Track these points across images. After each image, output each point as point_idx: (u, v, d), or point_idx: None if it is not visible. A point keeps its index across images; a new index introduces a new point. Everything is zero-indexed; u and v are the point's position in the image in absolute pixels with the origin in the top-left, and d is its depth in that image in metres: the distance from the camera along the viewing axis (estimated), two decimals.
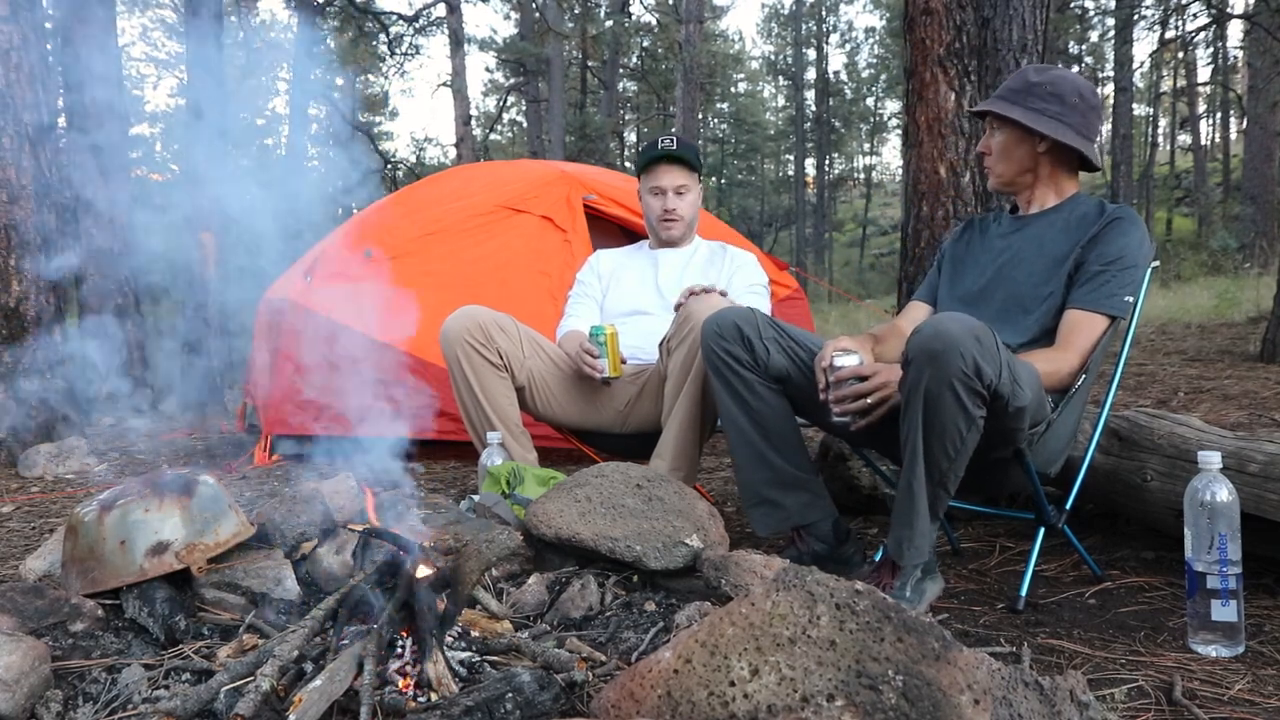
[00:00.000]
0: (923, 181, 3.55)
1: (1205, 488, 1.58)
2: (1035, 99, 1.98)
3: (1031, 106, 1.98)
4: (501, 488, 2.31)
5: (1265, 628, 1.67)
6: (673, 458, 2.43)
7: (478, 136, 20.46)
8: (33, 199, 4.10)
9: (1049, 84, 1.98)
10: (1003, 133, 2.05)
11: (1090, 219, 1.99)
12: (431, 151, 31.95)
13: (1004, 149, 2.06)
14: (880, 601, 1.09)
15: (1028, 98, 1.99)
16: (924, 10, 3.51)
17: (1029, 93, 1.99)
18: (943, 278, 2.22)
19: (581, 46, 19.73)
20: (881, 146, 40.89)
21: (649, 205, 2.90)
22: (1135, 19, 19.41)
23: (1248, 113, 16.59)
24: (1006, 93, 2.03)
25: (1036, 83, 1.99)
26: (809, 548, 2.02)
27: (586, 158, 20.27)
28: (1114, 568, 2.06)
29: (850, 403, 1.79)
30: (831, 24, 36.09)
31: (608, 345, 2.62)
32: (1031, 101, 1.99)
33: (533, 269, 4.05)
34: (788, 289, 5.09)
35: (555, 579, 1.77)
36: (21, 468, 3.85)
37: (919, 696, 0.99)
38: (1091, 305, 1.89)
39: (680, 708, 1.05)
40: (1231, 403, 3.75)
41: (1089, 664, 1.54)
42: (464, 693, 1.26)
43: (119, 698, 1.33)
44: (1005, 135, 2.05)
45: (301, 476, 3.54)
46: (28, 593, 1.55)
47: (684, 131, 17.85)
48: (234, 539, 1.72)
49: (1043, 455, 1.87)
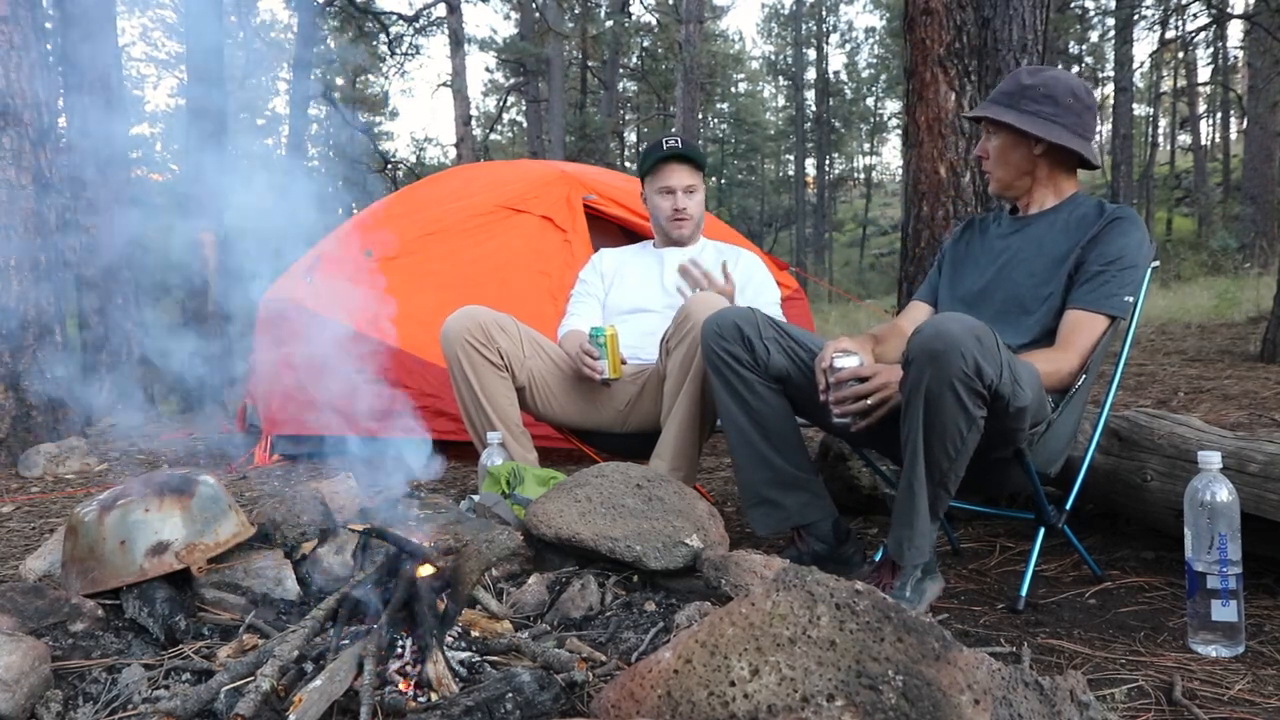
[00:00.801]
0: (923, 181, 3.55)
1: (1205, 488, 1.58)
2: (1029, 101, 1.98)
3: (1025, 109, 1.98)
4: (501, 488, 2.31)
5: (1265, 628, 1.67)
6: (672, 457, 2.43)
7: (478, 136, 20.46)
8: (33, 199, 4.10)
9: (1042, 85, 1.98)
10: (999, 137, 2.05)
11: (1090, 219, 1.99)
12: (431, 151, 31.97)
13: (1001, 153, 2.06)
14: (880, 601, 1.09)
15: (1021, 100, 1.99)
16: (924, 10, 3.51)
17: (1022, 95, 1.99)
18: (943, 278, 2.22)
19: (581, 46, 19.74)
20: (881, 146, 40.92)
21: (657, 206, 2.90)
22: (1135, 19, 19.40)
23: (1248, 113, 16.59)
24: (1000, 96, 2.03)
25: (1030, 85, 1.99)
26: (809, 548, 2.02)
27: (586, 158, 20.27)
28: (1114, 568, 2.06)
29: (851, 404, 1.79)
30: (831, 24, 36.11)
31: (607, 346, 2.62)
32: (1025, 104, 1.98)
33: (533, 269, 4.05)
34: (788, 289, 5.09)
35: (555, 579, 1.77)
36: (21, 468, 3.85)
37: (919, 696, 0.99)
38: (1092, 305, 1.89)
39: (680, 708, 1.05)
40: (1231, 403, 3.75)
41: (1089, 664, 1.54)
42: (464, 693, 1.26)
43: (119, 698, 1.33)
44: (1001, 139, 2.05)
45: (301, 476, 3.54)
46: (28, 593, 1.55)
47: (684, 131, 17.84)
48: (234, 539, 1.72)
49: (1043, 455, 1.87)
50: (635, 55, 25.01)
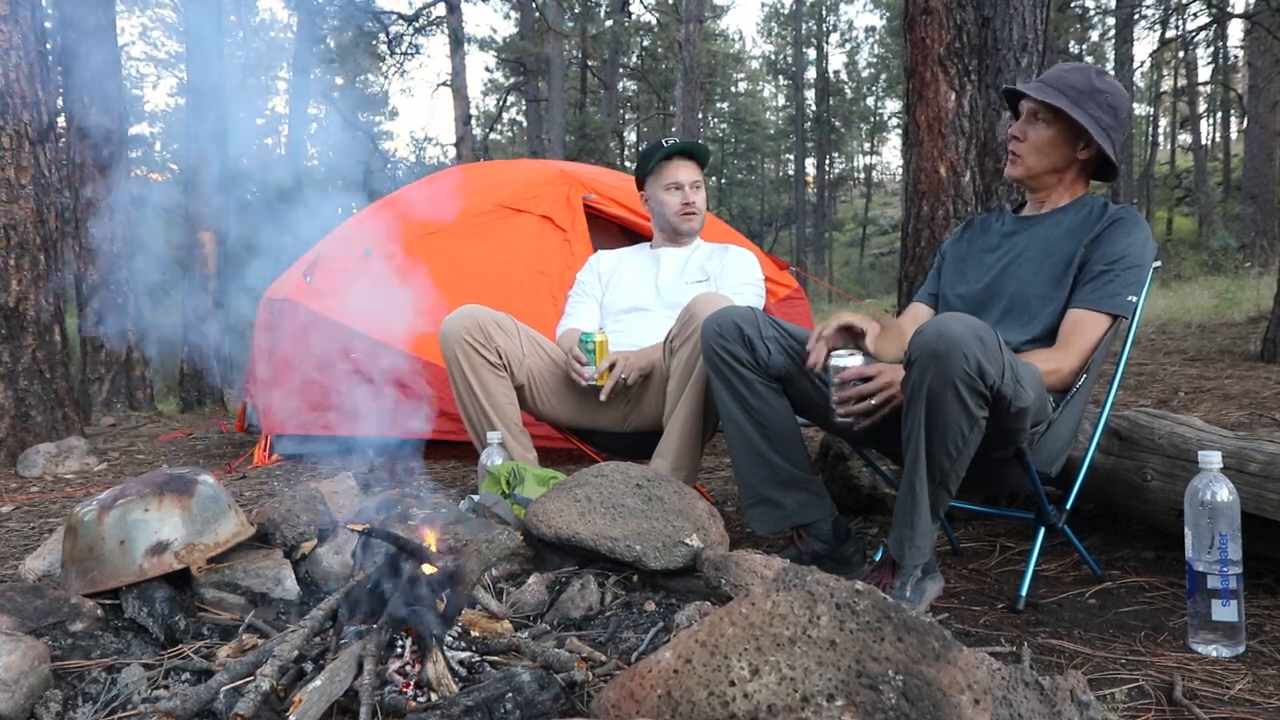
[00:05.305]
0: (923, 181, 3.55)
1: (1206, 487, 1.58)
2: (1094, 105, 1.94)
3: (1090, 112, 1.93)
4: (501, 488, 2.31)
5: (1265, 627, 1.66)
6: (674, 457, 2.43)
7: (478, 136, 20.45)
8: (32, 199, 4.09)
9: (1109, 94, 1.94)
10: (1051, 128, 1.99)
11: (1093, 219, 1.98)
12: (431, 151, 31.93)
13: (1046, 143, 2.00)
14: (880, 601, 1.09)
15: (1088, 102, 1.94)
16: (924, 10, 3.51)
17: (1090, 97, 1.94)
18: (944, 278, 2.21)
19: (581, 46, 19.73)
20: (881, 146, 40.90)
21: (665, 201, 2.89)
22: (1135, 18, 19.40)
23: (1248, 112, 16.59)
24: (1069, 89, 1.95)
25: (1100, 90, 1.94)
26: (809, 547, 2.02)
27: (586, 157, 20.27)
28: (1114, 568, 2.06)
29: (854, 403, 1.79)
30: (831, 24, 36.11)
31: (596, 352, 2.62)
32: (1091, 107, 1.94)
33: (533, 269, 4.04)
34: (788, 289, 5.08)
35: (555, 579, 1.77)
36: (21, 468, 3.85)
37: (919, 696, 0.99)
38: (1094, 304, 1.89)
39: (680, 708, 1.05)
40: (1232, 402, 3.75)
41: (1089, 664, 1.54)
42: (464, 693, 1.26)
43: (119, 698, 1.33)
44: (1054, 131, 1.99)
45: (301, 476, 3.54)
46: (27, 593, 1.55)
47: (684, 131, 17.82)
48: (234, 539, 1.72)
49: (1043, 455, 1.87)
50: (635, 55, 25.03)
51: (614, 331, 2.79)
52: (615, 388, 2.61)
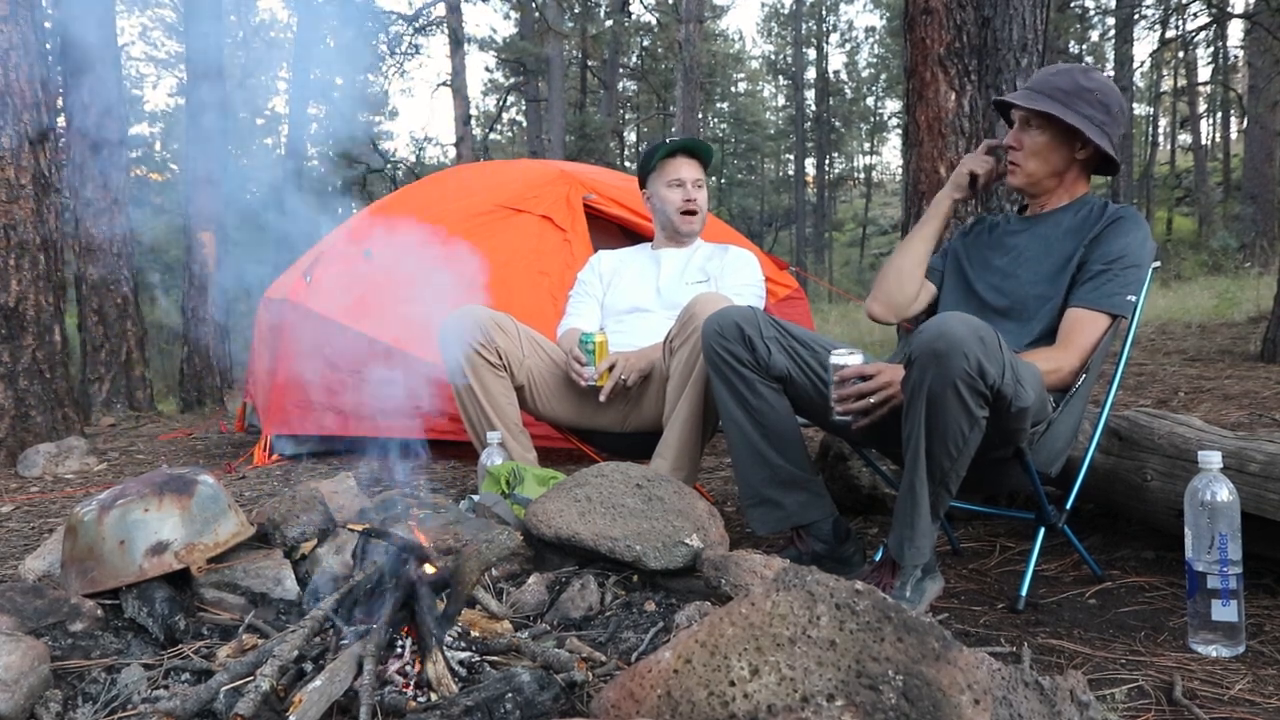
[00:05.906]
0: (923, 181, 3.55)
1: (1205, 487, 1.58)
2: (1084, 104, 1.93)
3: (1082, 112, 1.93)
4: (501, 488, 2.31)
5: (1265, 628, 1.66)
6: (674, 457, 2.43)
7: (478, 136, 20.44)
8: (32, 199, 4.09)
9: (1099, 91, 1.94)
10: (1045, 133, 1.99)
11: (1093, 219, 1.99)
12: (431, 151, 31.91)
13: (1042, 149, 2.00)
14: (880, 601, 1.09)
15: (1078, 102, 1.94)
16: (924, 10, 3.51)
17: (1079, 97, 1.94)
18: (948, 274, 2.21)
19: (581, 46, 19.72)
20: (881, 146, 40.89)
21: (666, 198, 2.89)
22: (1135, 18, 19.39)
23: (1248, 112, 16.58)
24: (1056, 93, 1.95)
25: (1088, 88, 1.94)
26: (809, 547, 2.02)
27: (586, 157, 20.26)
28: (1114, 568, 2.06)
29: (853, 402, 1.79)
30: (831, 24, 36.10)
31: (596, 353, 2.62)
32: (1081, 106, 1.93)
33: (533, 269, 4.04)
34: (788, 289, 5.08)
35: (555, 579, 1.77)
36: (21, 468, 3.85)
37: (919, 696, 0.99)
38: (1093, 304, 1.89)
39: (680, 708, 1.05)
40: (1232, 402, 3.75)
41: (1089, 664, 1.54)
42: (464, 693, 1.26)
43: (118, 698, 1.33)
44: (1048, 136, 1.99)
45: (301, 476, 3.54)
46: (27, 593, 1.55)
47: (684, 131, 17.82)
48: (234, 539, 1.72)
49: (1043, 455, 1.87)
50: (635, 55, 25.01)
51: (614, 332, 2.79)
52: (615, 388, 2.61)
